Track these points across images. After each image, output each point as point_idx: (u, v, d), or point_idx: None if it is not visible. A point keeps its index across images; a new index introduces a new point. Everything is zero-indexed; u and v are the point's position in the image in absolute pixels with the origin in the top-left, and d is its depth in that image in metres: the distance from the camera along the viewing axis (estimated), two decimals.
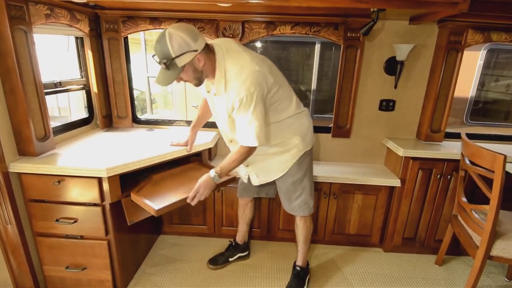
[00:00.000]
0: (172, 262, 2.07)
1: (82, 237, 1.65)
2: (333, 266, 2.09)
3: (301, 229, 1.79)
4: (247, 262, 2.10)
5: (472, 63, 3.38)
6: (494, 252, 1.60)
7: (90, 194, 1.54)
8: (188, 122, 2.37)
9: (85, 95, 2.14)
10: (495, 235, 1.60)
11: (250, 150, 1.47)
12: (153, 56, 1.28)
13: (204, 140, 2.00)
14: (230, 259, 2.07)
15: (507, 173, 1.78)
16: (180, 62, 1.25)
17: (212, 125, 2.28)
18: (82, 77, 2.10)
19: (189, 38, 1.23)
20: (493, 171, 1.49)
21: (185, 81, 1.38)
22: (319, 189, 2.10)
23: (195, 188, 1.49)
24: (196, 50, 1.25)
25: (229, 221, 2.23)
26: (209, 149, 2.06)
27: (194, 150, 1.86)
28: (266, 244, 2.28)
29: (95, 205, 1.57)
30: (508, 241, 1.60)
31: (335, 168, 2.19)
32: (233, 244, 2.11)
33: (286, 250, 2.22)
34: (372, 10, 1.60)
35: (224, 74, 1.35)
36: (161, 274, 1.95)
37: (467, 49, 1.99)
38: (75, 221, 1.60)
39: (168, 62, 1.23)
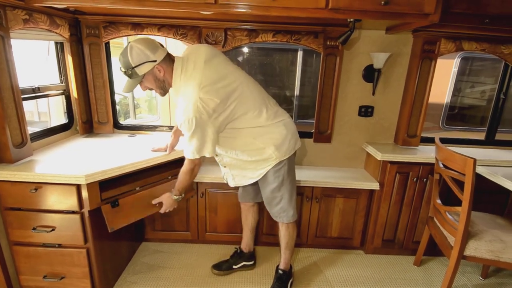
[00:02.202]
0: (154, 269, 2.04)
1: (60, 246, 1.61)
2: (315, 269, 2.12)
3: (283, 235, 1.80)
4: None
5: (447, 71, 3.53)
6: (468, 252, 1.67)
7: (68, 201, 1.51)
8: (171, 128, 2.37)
9: (64, 101, 2.11)
10: (468, 235, 1.67)
11: (192, 163, 1.55)
12: (120, 68, 1.42)
13: None
14: (234, 267, 2.04)
15: (479, 175, 1.87)
16: (140, 71, 1.38)
17: None
18: (62, 82, 2.07)
19: (147, 49, 1.36)
20: (464, 174, 1.56)
21: (150, 89, 1.50)
22: (301, 193, 2.13)
23: (162, 210, 1.72)
24: (155, 61, 1.38)
25: (212, 227, 2.23)
26: None
27: (175, 156, 1.86)
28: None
29: (73, 212, 1.54)
30: (480, 241, 1.67)
31: (317, 173, 2.24)
32: (238, 251, 2.08)
33: (270, 254, 2.23)
34: (348, 20, 1.67)
35: (178, 90, 1.45)
36: (143, 282, 1.92)
37: (442, 57, 2.09)
38: (53, 229, 1.57)
39: (129, 71, 1.38)
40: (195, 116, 1.36)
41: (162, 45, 1.44)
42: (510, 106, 3.74)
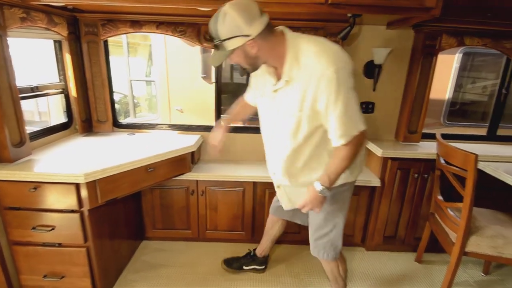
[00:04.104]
0: (155, 268, 2.04)
1: (60, 245, 1.61)
2: (316, 265, 2.11)
3: (326, 271, 1.62)
4: None
5: (449, 66, 3.51)
6: (469, 248, 1.66)
7: (68, 200, 1.51)
8: (172, 126, 2.36)
9: (63, 99, 2.10)
10: (469, 231, 1.66)
11: (359, 140, 1.20)
12: (209, 33, 1.16)
13: (186, 143, 1.99)
14: (245, 267, 2.00)
15: (480, 171, 1.86)
16: (229, 45, 1.11)
17: (194, 128, 2.30)
18: (61, 81, 2.06)
19: (242, 21, 1.06)
20: (466, 170, 1.55)
21: (239, 64, 1.22)
22: None
23: (302, 204, 1.32)
24: (248, 35, 1.08)
25: (213, 225, 2.22)
26: (192, 153, 2.06)
27: (174, 155, 1.85)
28: (251, 246, 2.27)
29: (73, 211, 1.54)
30: (482, 237, 1.66)
31: None
32: (252, 254, 2.02)
33: (272, 253, 2.21)
34: (348, 15, 1.65)
35: (297, 56, 1.14)
36: (143, 280, 1.92)
37: (443, 52, 2.07)
38: (52, 229, 1.56)
39: (218, 43, 1.12)
40: (345, 66, 1.10)
41: (261, 12, 1.10)
42: (509, 102, 3.73)
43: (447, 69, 3.51)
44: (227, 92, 3.47)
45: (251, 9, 1.08)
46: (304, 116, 1.19)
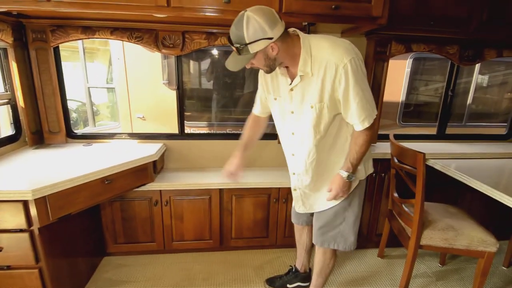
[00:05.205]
0: (118, 284, 1.95)
1: (9, 267, 1.49)
2: (285, 268, 2.13)
3: (318, 260, 1.64)
4: (197, 275, 2.05)
5: (403, 71, 3.74)
6: (424, 241, 1.75)
7: (15, 219, 1.40)
8: (132, 135, 2.28)
9: (10, 110, 1.96)
10: (423, 225, 1.76)
11: (375, 124, 1.31)
12: (228, 37, 1.21)
13: (147, 152, 1.93)
14: (289, 286, 1.92)
15: (432, 168, 1.99)
16: (253, 48, 1.17)
17: (156, 137, 2.24)
18: (7, 91, 1.92)
19: (266, 24, 1.13)
20: (416, 168, 1.65)
21: (256, 67, 1.30)
22: (269, 194, 2.14)
23: (332, 195, 1.40)
24: (271, 38, 1.16)
25: (179, 235, 2.16)
26: (154, 162, 2.00)
27: (135, 164, 1.79)
28: (219, 254, 2.26)
29: (21, 231, 1.43)
30: (434, 230, 1.76)
31: (283, 173, 2.25)
32: (293, 269, 1.96)
33: (240, 259, 2.21)
34: (303, 24, 1.70)
35: (310, 53, 1.23)
36: None
37: (395, 58, 2.19)
38: (0, 250, 1.44)
39: (241, 47, 1.17)
40: (358, 56, 1.19)
41: (280, 17, 1.20)
42: (458, 102, 4.06)
43: (401, 73, 3.74)
44: (195, 98, 3.44)
45: (272, 14, 1.17)
46: (324, 106, 1.28)
